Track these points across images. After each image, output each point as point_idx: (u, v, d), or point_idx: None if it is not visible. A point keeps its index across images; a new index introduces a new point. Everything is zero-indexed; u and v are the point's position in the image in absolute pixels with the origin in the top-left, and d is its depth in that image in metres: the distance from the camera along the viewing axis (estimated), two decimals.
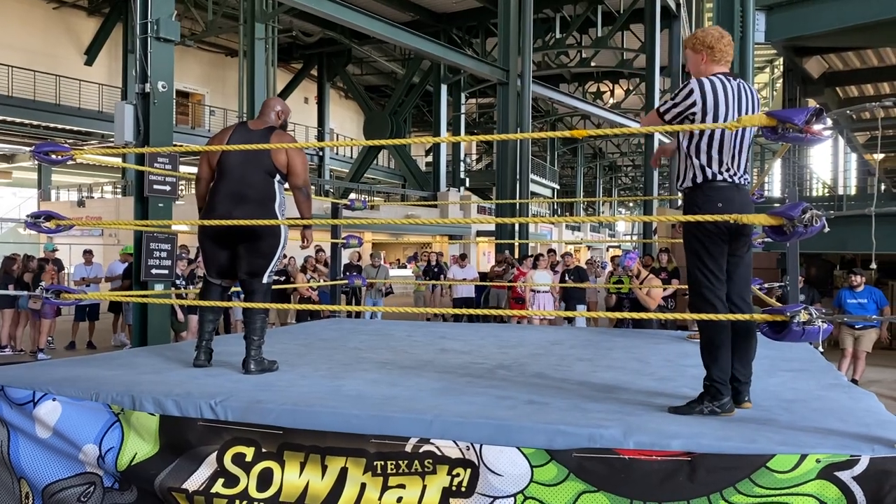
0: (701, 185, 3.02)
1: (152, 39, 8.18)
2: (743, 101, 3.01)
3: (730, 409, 2.89)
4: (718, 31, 3.10)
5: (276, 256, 3.91)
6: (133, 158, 8.34)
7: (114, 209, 24.59)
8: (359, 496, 2.65)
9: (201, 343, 3.99)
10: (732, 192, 2.99)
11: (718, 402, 2.88)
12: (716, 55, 3.09)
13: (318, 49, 29.10)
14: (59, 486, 3.05)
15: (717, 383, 2.91)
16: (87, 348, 11.30)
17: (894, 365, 9.74)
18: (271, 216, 3.81)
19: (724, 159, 2.99)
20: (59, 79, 23.92)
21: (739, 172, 3.02)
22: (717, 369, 2.93)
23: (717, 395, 2.90)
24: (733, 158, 3.01)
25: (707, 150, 3.00)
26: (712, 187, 3.00)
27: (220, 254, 3.95)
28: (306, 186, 3.96)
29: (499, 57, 17.11)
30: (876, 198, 2.98)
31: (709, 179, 3.00)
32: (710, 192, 3.00)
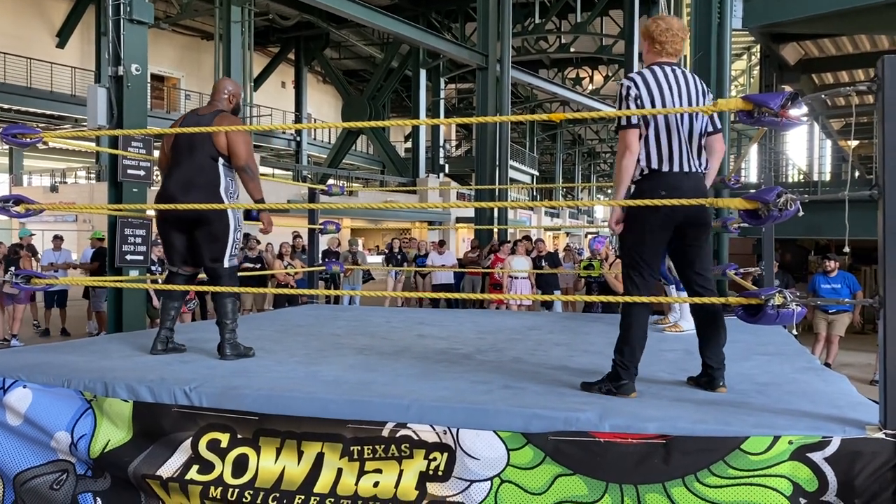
0: (647, 175, 3.06)
1: (125, 21, 8.04)
2: (688, 90, 3.06)
3: (627, 392, 2.93)
4: (665, 23, 3.13)
5: (230, 240, 3.87)
6: (107, 143, 8.21)
7: (88, 194, 24.21)
8: (335, 481, 2.64)
9: (160, 332, 3.97)
10: (679, 180, 3.02)
11: (616, 384, 2.95)
12: (655, 46, 3.14)
13: (296, 33, 28.80)
14: (30, 474, 3.01)
15: (620, 365, 2.97)
16: (61, 335, 11.16)
17: (867, 349, 9.89)
18: (217, 201, 3.78)
19: (672, 148, 3.02)
20: (31, 62, 23.42)
21: (690, 160, 3.05)
22: (623, 352, 2.99)
23: (617, 377, 2.97)
24: (681, 146, 3.03)
25: (654, 141, 3.03)
26: (658, 175, 3.04)
27: (176, 241, 3.95)
28: (249, 166, 3.87)
29: (478, 42, 17.05)
30: (849, 184, 3.00)
31: (654, 169, 3.04)
32: (656, 180, 3.04)
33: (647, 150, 3.05)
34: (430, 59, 25.85)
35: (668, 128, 3.03)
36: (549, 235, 37.95)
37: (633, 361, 2.99)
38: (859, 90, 2.56)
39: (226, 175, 3.87)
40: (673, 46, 3.13)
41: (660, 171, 3.03)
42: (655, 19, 3.17)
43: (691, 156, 3.07)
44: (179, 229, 3.91)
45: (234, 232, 3.89)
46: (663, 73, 3.08)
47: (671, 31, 3.11)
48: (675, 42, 3.12)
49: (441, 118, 21.64)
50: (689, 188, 3.00)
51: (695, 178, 3.07)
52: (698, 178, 3.10)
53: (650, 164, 3.05)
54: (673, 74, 3.09)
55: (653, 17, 3.24)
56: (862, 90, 2.52)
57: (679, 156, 3.04)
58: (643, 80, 3.06)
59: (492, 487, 2.50)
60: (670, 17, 3.25)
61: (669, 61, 3.14)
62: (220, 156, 3.84)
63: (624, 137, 3.06)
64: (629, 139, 3.04)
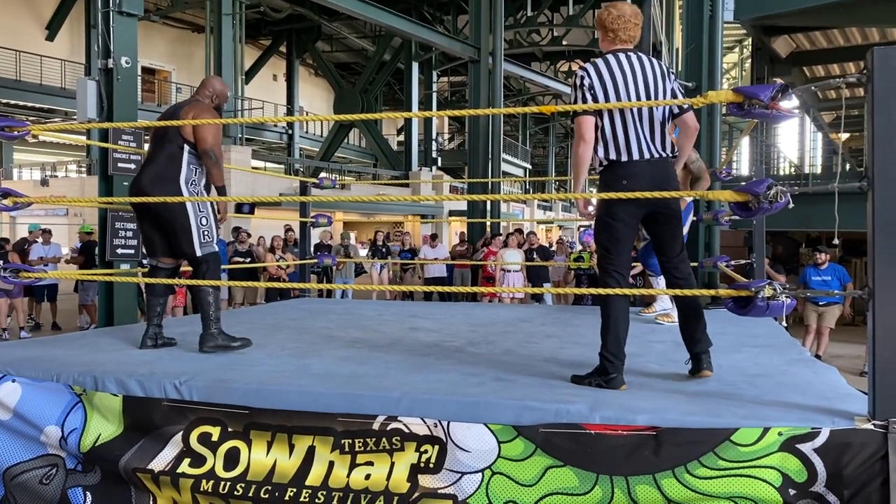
0: (608, 165, 3.07)
1: (114, 13, 7.97)
2: (644, 75, 3.05)
3: (616, 385, 2.92)
4: (618, 10, 3.13)
5: (194, 229, 3.81)
6: (97, 136, 8.16)
7: (78, 188, 24.07)
8: (326, 474, 2.64)
9: (148, 329, 3.95)
10: (640, 168, 3.01)
11: (605, 377, 2.94)
12: (608, 34, 3.15)
13: (287, 25, 28.64)
14: (20, 469, 3.00)
15: (606, 358, 2.97)
16: (52, 329, 11.12)
17: (857, 340, 9.95)
18: (176, 192, 3.77)
19: (629, 137, 3.02)
20: (20, 54, 23.24)
21: (650, 146, 3.04)
22: (608, 344, 2.99)
23: (605, 370, 2.95)
24: (639, 134, 3.03)
25: (610, 131, 3.04)
26: (618, 164, 3.04)
27: (150, 233, 3.94)
28: (214, 151, 3.81)
29: (470, 34, 17.00)
30: (839, 176, 3.00)
31: (612, 159, 3.05)
32: (616, 170, 3.04)
33: (605, 140, 3.05)
34: (423, 51, 25.77)
35: (623, 117, 3.03)
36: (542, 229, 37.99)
37: (620, 353, 2.99)
38: (849, 83, 2.56)
39: (189, 164, 3.84)
40: (626, 33, 3.13)
41: (619, 160, 3.04)
42: (607, 7, 3.17)
43: (651, 142, 3.05)
44: (150, 222, 3.90)
45: (197, 218, 3.81)
46: (617, 60, 3.07)
47: (623, 17, 3.12)
48: (628, 28, 3.12)
49: (433, 111, 21.57)
50: (650, 175, 3.00)
51: (657, 164, 3.06)
52: (661, 163, 3.07)
53: (608, 155, 3.05)
54: (628, 61, 3.08)
55: (605, 5, 3.23)
56: (852, 82, 2.52)
57: (637, 143, 3.03)
58: (596, 69, 3.06)
59: (483, 479, 2.50)
60: (623, 3, 3.23)
61: (625, 48, 3.14)
62: (185, 143, 3.81)
63: (578, 126, 3.06)
64: (583, 128, 3.04)
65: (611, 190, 3.00)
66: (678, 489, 2.35)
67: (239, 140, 21.03)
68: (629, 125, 3.03)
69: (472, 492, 2.50)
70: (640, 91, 3.05)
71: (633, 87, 3.04)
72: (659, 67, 3.12)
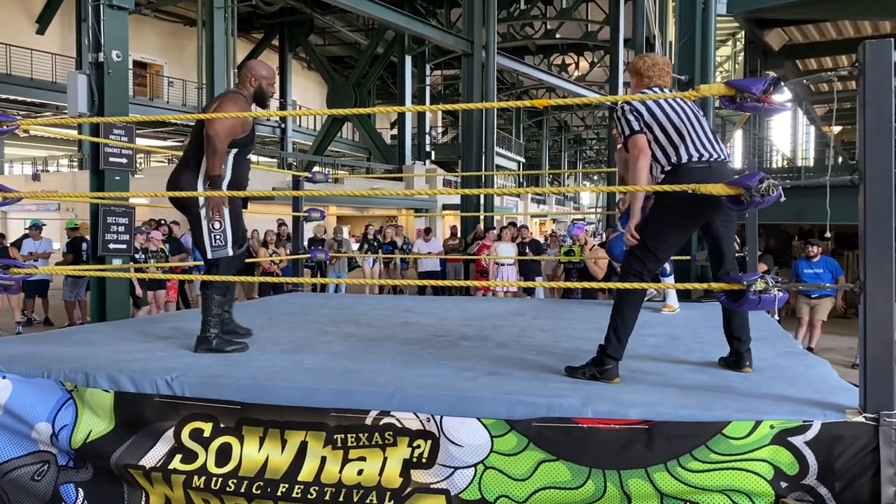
0: (671, 171, 3.07)
1: (105, 7, 7.92)
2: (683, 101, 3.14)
3: (610, 377, 2.94)
4: (652, 59, 3.28)
5: (205, 231, 3.71)
6: (88, 130, 8.11)
7: (70, 183, 23.94)
8: (319, 469, 2.64)
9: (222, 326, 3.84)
10: (705, 172, 3.01)
11: (600, 369, 2.97)
12: (644, 80, 3.26)
13: (280, 19, 28.52)
14: (11, 466, 2.98)
15: (606, 350, 2.99)
16: (44, 325, 11.07)
17: (849, 333, 9.99)
18: (193, 188, 3.68)
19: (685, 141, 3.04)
20: (10, 48, 23.07)
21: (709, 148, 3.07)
22: (613, 339, 3.01)
23: (601, 363, 2.98)
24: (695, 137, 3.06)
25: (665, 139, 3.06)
26: (685, 168, 3.04)
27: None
28: (217, 136, 3.56)
29: (463, 28, 16.96)
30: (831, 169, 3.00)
31: (675, 162, 3.06)
32: (682, 174, 3.03)
33: (662, 148, 3.08)
34: (416, 45, 25.70)
35: (674, 125, 3.07)
36: (535, 222, 37.99)
37: (621, 348, 3.01)
38: (841, 76, 2.56)
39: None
40: (661, 79, 3.25)
41: (680, 163, 3.05)
42: (642, 56, 3.31)
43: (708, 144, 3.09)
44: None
45: (209, 222, 3.70)
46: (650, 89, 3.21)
47: (657, 66, 3.25)
48: (662, 76, 3.25)
49: (427, 105, 21.55)
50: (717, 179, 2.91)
51: (719, 166, 3.07)
52: (722, 165, 3.10)
53: (670, 160, 3.06)
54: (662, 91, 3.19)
55: (639, 55, 3.38)
56: (843, 76, 2.52)
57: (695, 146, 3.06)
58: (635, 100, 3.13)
59: (476, 474, 2.50)
60: (654, 54, 3.42)
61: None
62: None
63: (634, 143, 3.10)
64: (640, 143, 3.09)
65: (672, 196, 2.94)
66: (671, 482, 2.35)
67: None
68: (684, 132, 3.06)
69: (465, 486, 2.50)
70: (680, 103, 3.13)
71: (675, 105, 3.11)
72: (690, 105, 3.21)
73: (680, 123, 3.08)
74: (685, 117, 3.10)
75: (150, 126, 27.54)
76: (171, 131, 30.63)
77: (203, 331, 3.68)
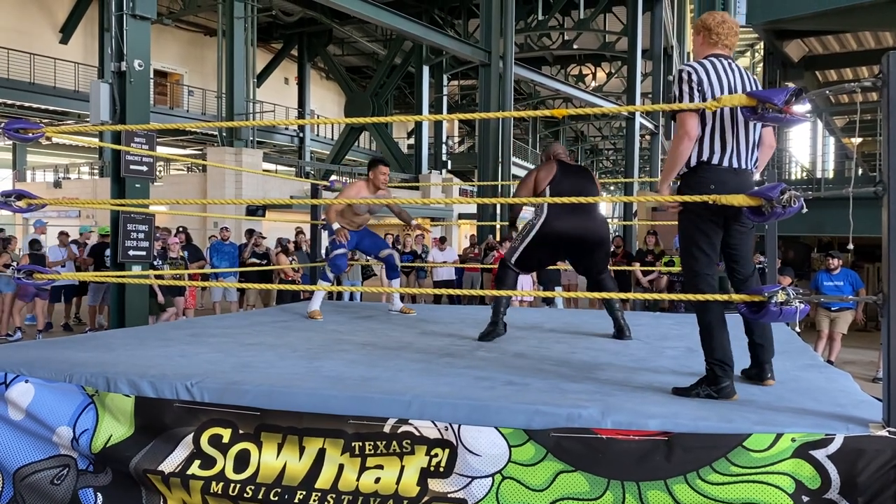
0: (696, 168, 2.98)
1: (128, 16, 8.04)
2: (743, 84, 2.98)
3: (728, 394, 2.83)
4: (721, 16, 3.10)
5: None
6: (110, 138, 8.21)
7: (91, 190, 24.23)
8: (337, 476, 2.64)
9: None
10: (728, 175, 2.93)
11: (716, 387, 2.85)
12: (712, 37, 3.08)
13: (299, 29, 28.74)
14: (31, 469, 3.01)
15: (714, 367, 2.88)
16: (63, 330, 11.18)
17: (869, 346, 9.88)
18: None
19: (725, 142, 2.94)
20: (34, 57, 23.42)
21: (741, 157, 2.97)
22: (714, 352, 2.90)
23: (715, 380, 2.86)
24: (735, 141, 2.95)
25: (709, 133, 2.94)
26: (708, 168, 2.95)
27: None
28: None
29: (481, 38, 17.00)
30: (853, 180, 2.97)
31: (703, 160, 2.96)
32: (705, 174, 2.95)
33: (700, 142, 2.95)
34: (433, 55, 25.79)
35: (722, 122, 2.94)
36: None
37: (728, 359, 2.89)
38: (864, 87, 2.54)
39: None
40: (729, 39, 3.08)
41: (710, 164, 2.95)
42: (711, 13, 3.14)
43: (743, 152, 2.98)
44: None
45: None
46: (721, 64, 3.00)
47: (727, 23, 3.08)
48: (730, 35, 3.08)
49: (444, 114, 21.61)
50: (736, 185, 2.89)
51: (743, 175, 2.98)
52: (746, 175, 3.00)
53: (701, 157, 2.96)
54: (729, 67, 3.01)
55: (708, 12, 3.20)
56: (867, 87, 2.50)
57: (732, 150, 2.95)
58: (704, 68, 2.96)
59: (493, 484, 2.49)
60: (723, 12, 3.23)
61: (724, 53, 3.08)
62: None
63: (682, 122, 2.91)
64: (689, 124, 2.90)
65: (695, 193, 2.89)
66: (690, 495, 2.33)
67: (250, 143, 21.12)
68: (727, 131, 2.94)
69: (483, 496, 2.49)
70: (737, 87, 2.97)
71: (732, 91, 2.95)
72: (751, 80, 3.05)
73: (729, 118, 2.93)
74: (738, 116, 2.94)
75: (170, 134, 27.81)
76: (190, 140, 30.92)
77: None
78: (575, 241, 4.46)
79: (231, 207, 17.95)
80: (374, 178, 5.74)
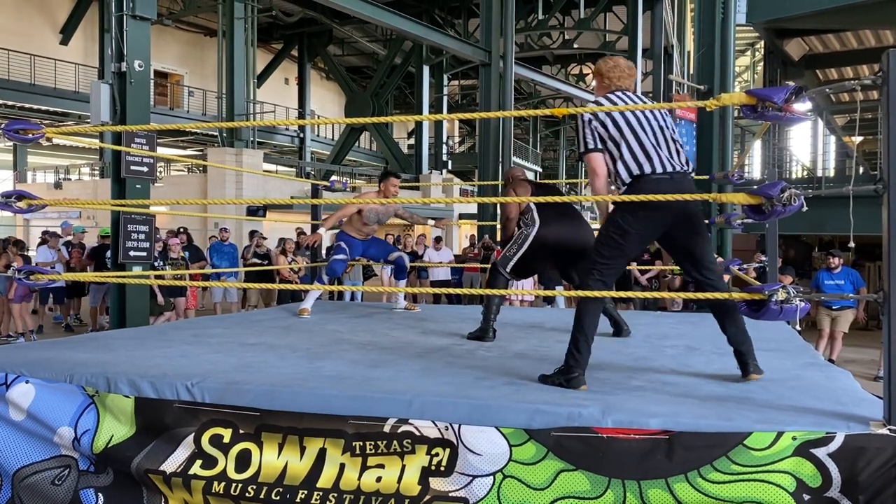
0: (631, 184, 3.11)
1: (128, 17, 8.05)
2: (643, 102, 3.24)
3: (576, 385, 2.97)
4: (614, 61, 3.34)
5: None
6: (110, 139, 8.22)
7: (91, 191, 24.25)
8: (338, 476, 2.64)
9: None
10: (664, 183, 3.05)
11: (566, 377, 3.01)
12: (605, 81, 3.34)
13: (299, 29, 28.73)
14: (31, 470, 3.01)
15: (571, 358, 3.04)
16: (64, 331, 11.17)
17: (870, 345, 9.87)
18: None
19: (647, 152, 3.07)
20: (34, 58, 23.42)
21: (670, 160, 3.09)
22: (576, 346, 3.06)
23: (567, 369, 3.02)
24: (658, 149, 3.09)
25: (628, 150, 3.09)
26: (642, 179, 3.08)
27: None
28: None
29: (481, 38, 17.00)
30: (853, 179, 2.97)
31: (636, 174, 3.09)
32: (641, 186, 3.07)
33: (624, 162, 3.11)
34: (433, 55, 25.79)
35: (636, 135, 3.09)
36: None
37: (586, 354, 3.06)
38: (864, 85, 2.54)
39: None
40: (622, 82, 3.31)
41: (642, 175, 3.08)
42: (604, 59, 3.40)
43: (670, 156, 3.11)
44: None
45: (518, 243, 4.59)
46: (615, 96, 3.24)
47: (619, 67, 3.32)
48: (623, 77, 3.31)
49: (444, 114, 21.61)
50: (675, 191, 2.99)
51: (680, 178, 3.10)
52: (683, 177, 3.13)
53: (631, 172, 3.10)
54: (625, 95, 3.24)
55: (603, 58, 3.46)
56: (867, 85, 2.50)
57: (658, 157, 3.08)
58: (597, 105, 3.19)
59: (494, 483, 2.49)
60: (618, 56, 3.50)
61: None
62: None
63: (589, 163, 3.20)
64: (594, 163, 3.19)
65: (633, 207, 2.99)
66: (691, 493, 2.33)
67: (251, 143, 21.13)
68: (643, 142, 3.09)
69: (484, 495, 2.49)
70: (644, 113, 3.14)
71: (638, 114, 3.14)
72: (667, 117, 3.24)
73: (644, 136, 3.10)
74: (649, 128, 3.12)
75: (171, 135, 27.82)
76: (190, 140, 30.92)
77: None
78: (567, 248, 4.50)
79: (231, 208, 17.96)
80: (385, 190, 5.79)
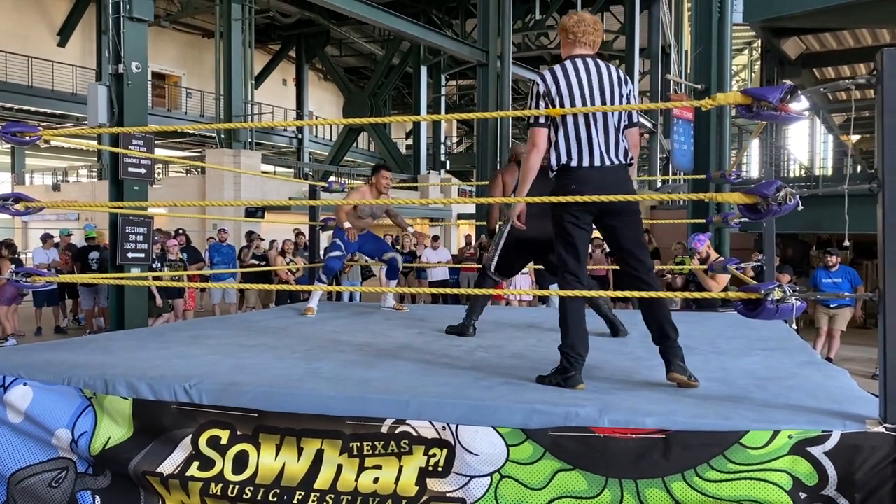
0: (559, 170, 3.13)
1: (125, 19, 8.05)
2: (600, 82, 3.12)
3: (574, 384, 2.96)
4: (578, 16, 3.25)
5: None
6: (108, 141, 8.22)
7: (90, 193, 24.24)
8: (335, 477, 2.64)
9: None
10: (591, 174, 3.06)
11: (563, 376, 3.00)
12: (569, 37, 3.24)
13: (297, 30, 28.74)
14: (28, 473, 3.01)
15: (563, 355, 3.03)
16: (55, 333, 11.14)
17: (868, 343, 9.88)
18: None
19: (581, 143, 3.08)
20: (32, 60, 23.40)
21: (606, 154, 3.09)
22: (568, 341, 3.06)
23: (563, 369, 3.01)
24: (596, 140, 3.08)
25: (564, 137, 3.10)
26: (569, 169, 3.10)
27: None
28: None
29: (478, 38, 17.01)
30: (849, 178, 2.99)
31: (563, 164, 3.10)
32: (567, 175, 3.10)
33: (557, 147, 3.11)
34: (431, 55, 25.80)
35: (576, 123, 3.08)
36: None
37: (582, 350, 3.05)
38: (859, 84, 2.55)
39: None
40: (587, 37, 3.22)
41: (569, 166, 3.09)
42: (570, 13, 3.29)
43: (606, 150, 3.10)
44: None
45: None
46: (574, 67, 3.15)
47: (584, 22, 3.22)
48: (588, 33, 3.21)
49: (442, 114, 21.62)
50: (600, 181, 3.04)
51: (609, 170, 3.10)
52: (613, 169, 3.12)
53: (560, 161, 3.11)
54: (585, 67, 3.15)
55: (567, 13, 3.34)
56: (862, 84, 2.51)
57: (591, 150, 3.08)
58: (553, 76, 3.14)
59: (491, 483, 2.50)
60: (583, 11, 3.38)
61: (584, 53, 3.21)
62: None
63: (531, 136, 3.17)
64: (537, 137, 3.15)
65: (561, 194, 3.03)
66: (688, 492, 2.34)
67: (249, 144, 21.12)
68: (582, 132, 3.08)
69: (481, 495, 2.49)
70: (595, 96, 3.12)
71: (589, 92, 3.11)
72: (616, 73, 3.19)
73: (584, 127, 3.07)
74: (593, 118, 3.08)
75: (169, 136, 27.81)
76: (188, 142, 30.91)
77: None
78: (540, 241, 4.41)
79: (230, 209, 17.96)
80: (377, 183, 5.82)
